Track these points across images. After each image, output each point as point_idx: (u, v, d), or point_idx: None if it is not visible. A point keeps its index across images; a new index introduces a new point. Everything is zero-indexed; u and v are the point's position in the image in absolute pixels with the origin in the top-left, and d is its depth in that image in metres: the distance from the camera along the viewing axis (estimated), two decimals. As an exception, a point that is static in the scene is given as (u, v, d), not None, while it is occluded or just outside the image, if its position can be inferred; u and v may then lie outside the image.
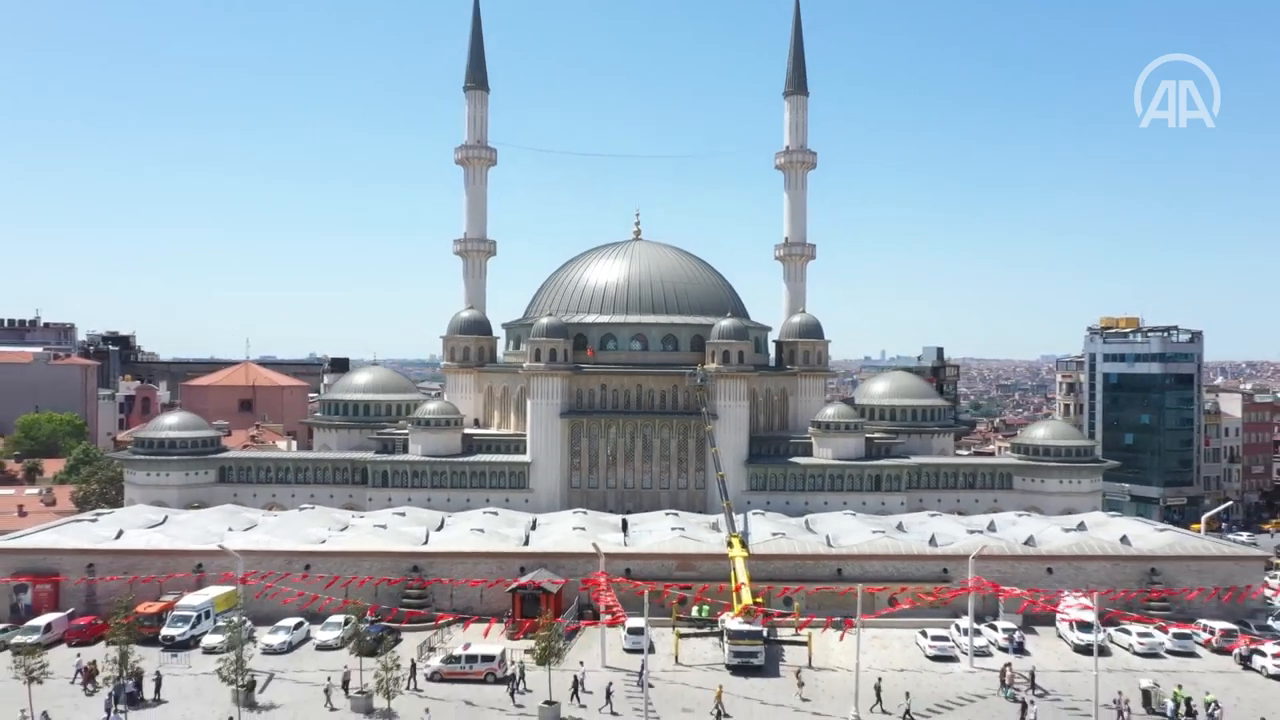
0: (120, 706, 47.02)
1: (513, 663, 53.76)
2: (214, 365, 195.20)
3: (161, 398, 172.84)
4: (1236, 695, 51.48)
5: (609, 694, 49.82)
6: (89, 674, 51.28)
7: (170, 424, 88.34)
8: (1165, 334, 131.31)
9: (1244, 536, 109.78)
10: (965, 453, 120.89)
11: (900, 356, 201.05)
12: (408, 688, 50.48)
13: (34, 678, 45.29)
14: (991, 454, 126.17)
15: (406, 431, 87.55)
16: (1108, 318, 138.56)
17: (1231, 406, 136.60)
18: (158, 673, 51.14)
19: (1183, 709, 47.52)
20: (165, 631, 58.63)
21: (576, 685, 50.50)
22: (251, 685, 49.67)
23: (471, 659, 54.09)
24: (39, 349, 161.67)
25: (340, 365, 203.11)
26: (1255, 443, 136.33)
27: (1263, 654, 56.14)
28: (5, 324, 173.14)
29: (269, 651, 57.32)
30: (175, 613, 60.05)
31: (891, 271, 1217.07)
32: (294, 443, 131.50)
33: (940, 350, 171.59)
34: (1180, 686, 49.82)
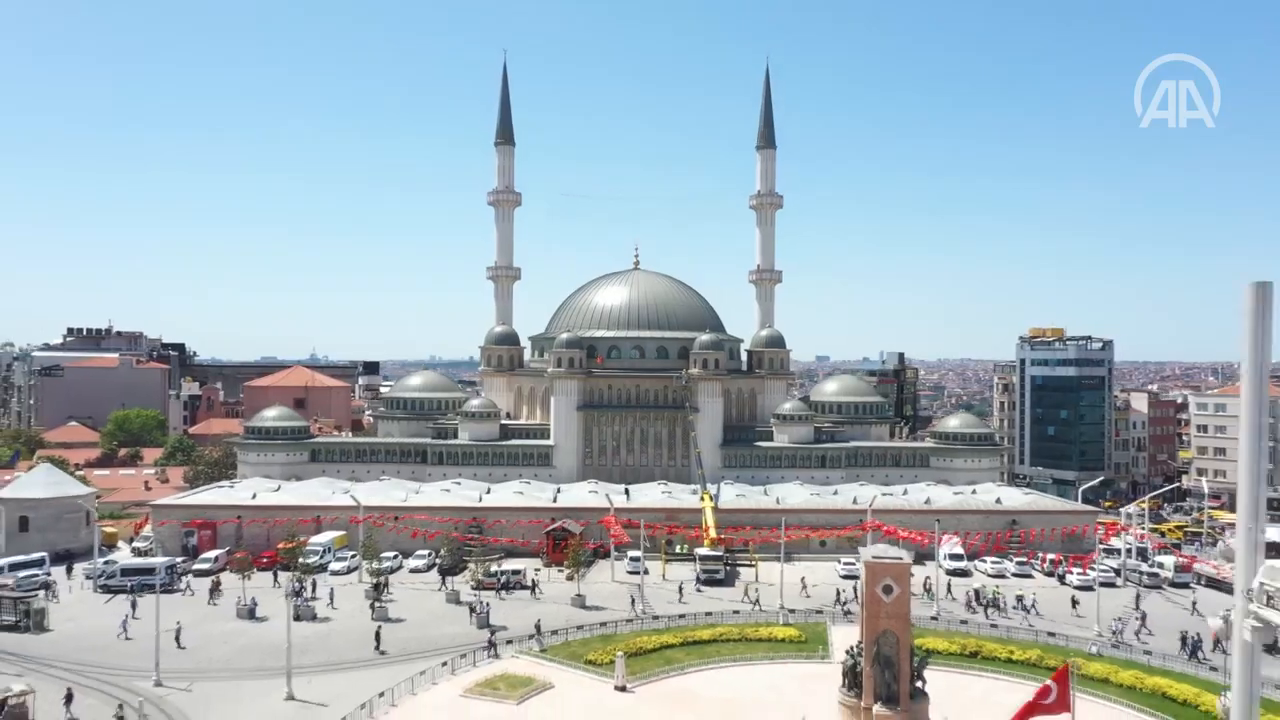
0: (297, 599, 71.38)
1: (514, 575, 77.99)
2: (262, 368, 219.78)
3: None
4: (1047, 596, 76.01)
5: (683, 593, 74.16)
6: (215, 585, 75.48)
7: (272, 416, 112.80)
8: (1081, 343, 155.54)
9: (1132, 508, 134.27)
10: (919, 442, 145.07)
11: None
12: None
13: (246, 575, 70.13)
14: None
15: (457, 422, 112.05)
16: (1035, 328, 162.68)
17: (1140, 403, 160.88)
18: (314, 581, 75.57)
19: (997, 599, 72.26)
20: (302, 560, 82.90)
21: (534, 586, 75.93)
22: (377, 586, 74.06)
23: (503, 573, 78.30)
24: (115, 355, 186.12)
25: (371, 368, 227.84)
26: (1159, 434, 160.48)
27: (1070, 573, 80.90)
28: (84, 332, 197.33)
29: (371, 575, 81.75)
30: (308, 547, 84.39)
31: (900, 275, 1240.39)
32: (347, 432, 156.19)
33: (901, 355, 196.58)
34: (998, 588, 74.67)
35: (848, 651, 44.35)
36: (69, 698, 50.87)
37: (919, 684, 42.67)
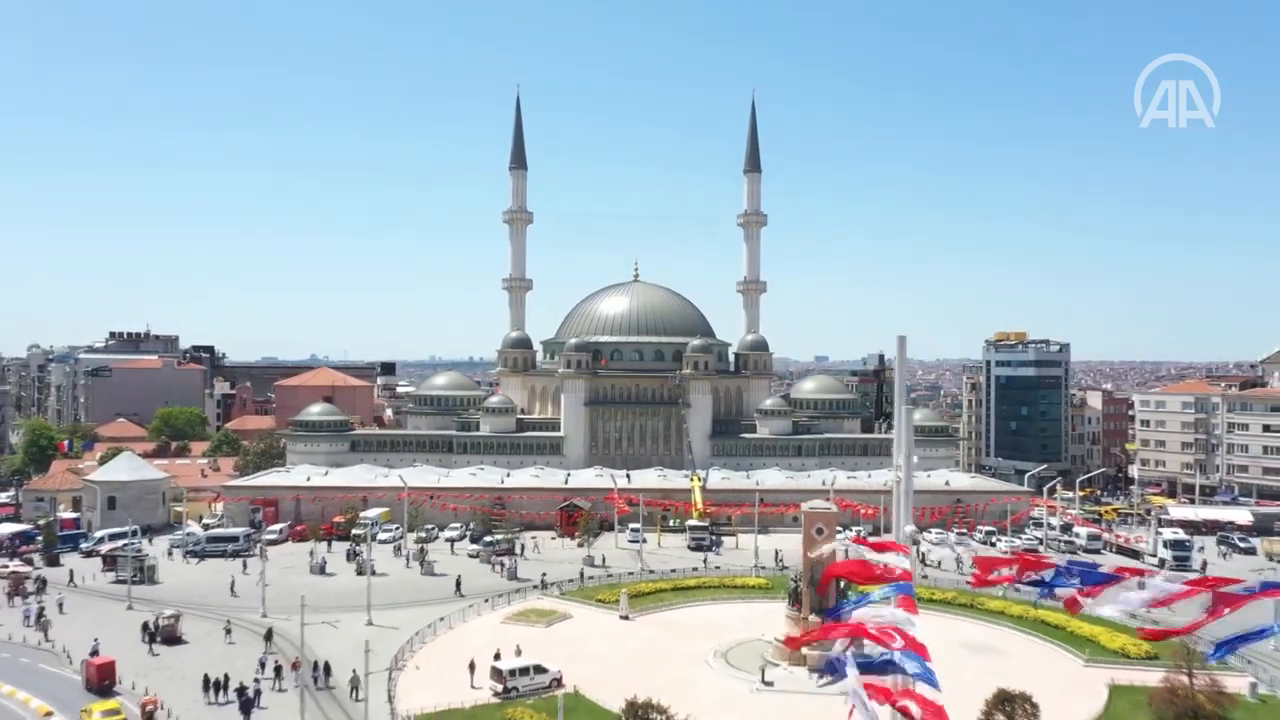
0: (357, 561, 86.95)
1: (507, 543, 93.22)
2: (287, 369, 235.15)
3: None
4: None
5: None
6: (261, 551, 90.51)
7: (316, 412, 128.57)
8: (1040, 345, 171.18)
9: (1068, 494, 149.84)
10: (887, 434, 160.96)
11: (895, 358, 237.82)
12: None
13: (320, 539, 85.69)
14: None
15: (478, 416, 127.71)
16: (1001, 332, 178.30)
17: (1095, 401, 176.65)
18: (368, 546, 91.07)
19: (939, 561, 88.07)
20: (354, 532, 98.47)
21: (522, 549, 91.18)
22: (423, 549, 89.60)
23: (499, 542, 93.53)
24: (155, 356, 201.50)
25: (389, 369, 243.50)
26: (1112, 429, 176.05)
27: (999, 539, 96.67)
28: (124, 336, 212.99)
29: (417, 542, 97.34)
30: (359, 520, 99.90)
31: (902, 276, 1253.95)
32: (373, 427, 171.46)
33: (881, 356, 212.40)
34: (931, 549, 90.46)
35: (791, 579, 60.01)
36: (177, 617, 66.44)
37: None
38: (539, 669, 53.96)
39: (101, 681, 54.51)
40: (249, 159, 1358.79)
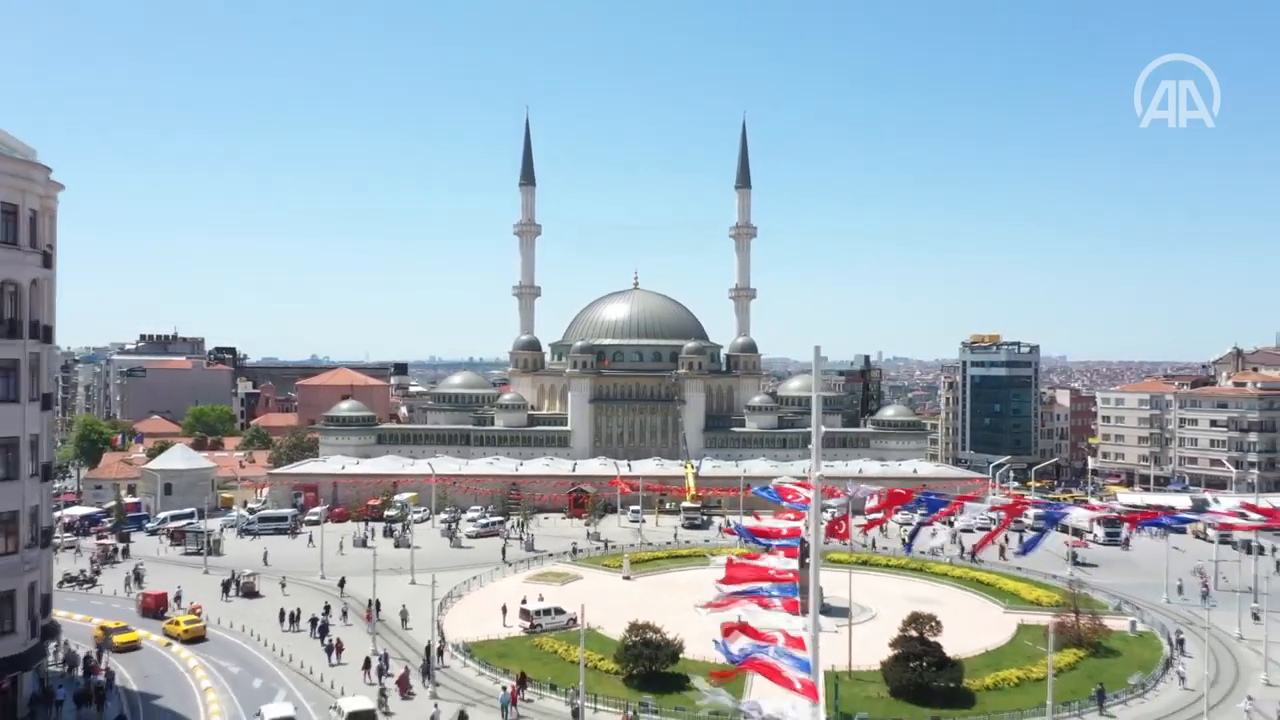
0: (394, 537, 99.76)
1: (498, 524, 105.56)
2: (302, 369, 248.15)
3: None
4: (943, 540, 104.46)
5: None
6: (292, 531, 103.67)
7: (345, 408, 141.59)
8: (1012, 347, 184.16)
9: (1014, 482, 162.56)
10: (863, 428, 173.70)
11: (895, 359, 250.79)
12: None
13: (359, 519, 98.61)
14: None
15: (493, 412, 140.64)
16: (976, 334, 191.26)
17: (1063, 398, 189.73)
18: (402, 525, 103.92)
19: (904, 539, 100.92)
20: (387, 513, 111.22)
21: (520, 524, 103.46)
22: (449, 526, 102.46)
23: (492, 524, 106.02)
24: (183, 358, 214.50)
25: (401, 369, 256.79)
26: (1079, 425, 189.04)
27: (952, 523, 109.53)
28: (154, 338, 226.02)
29: (443, 521, 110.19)
30: (393, 503, 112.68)
31: (904, 278, 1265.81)
32: (391, 422, 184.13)
33: (867, 358, 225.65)
34: (902, 529, 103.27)
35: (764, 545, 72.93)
36: (256, 575, 79.35)
37: (807, 561, 71.14)
38: (559, 610, 66.94)
39: (157, 608, 69.35)
40: (246, 160, 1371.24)
